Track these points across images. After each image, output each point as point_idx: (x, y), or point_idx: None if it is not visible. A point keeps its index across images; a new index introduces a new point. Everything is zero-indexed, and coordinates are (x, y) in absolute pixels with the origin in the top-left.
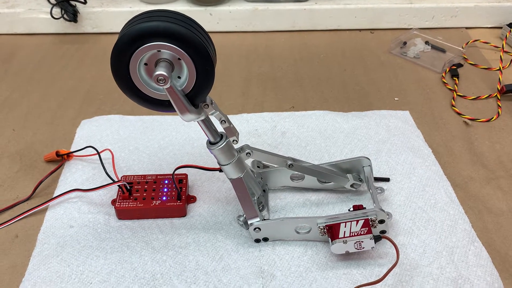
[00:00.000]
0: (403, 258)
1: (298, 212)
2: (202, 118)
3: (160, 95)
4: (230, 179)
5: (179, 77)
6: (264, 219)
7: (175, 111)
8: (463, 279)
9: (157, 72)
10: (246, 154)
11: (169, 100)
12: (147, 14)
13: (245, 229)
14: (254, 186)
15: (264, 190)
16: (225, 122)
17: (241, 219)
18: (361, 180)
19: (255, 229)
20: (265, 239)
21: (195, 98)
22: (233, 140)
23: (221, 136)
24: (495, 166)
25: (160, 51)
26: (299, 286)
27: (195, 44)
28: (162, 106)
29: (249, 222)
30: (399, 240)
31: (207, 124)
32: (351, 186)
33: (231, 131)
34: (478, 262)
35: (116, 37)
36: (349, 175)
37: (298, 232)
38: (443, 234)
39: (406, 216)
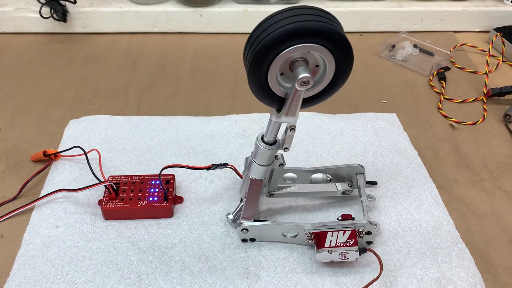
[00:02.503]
0: (387, 259)
1: (287, 214)
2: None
3: (279, 91)
4: (252, 178)
5: None
6: (254, 220)
7: (273, 107)
8: (446, 279)
9: (304, 75)
10: (279, 165)
11: (281, 97)
12: (313, 11)
13: (232, 227)
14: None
15: None
16: (293, 129)
17: (230, 217)
18: (351, 186)
19: (243, 229)
20: (252, 240)
21: (305, 104)
22: (285, 148)
23: (275, 141)
24: (480, 168)
25: (309, 52)
26: (284, 287)
27: (351, 57)
28: (271, 100)
29: (242, 221)
30: (383, 241)
31: (277, 127)
32: (342, 193)
33: (290, 139)
34: (461, 263)
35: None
36: (338, 184)
37: (285, 236)
38: (427, 235)
39: (391, 217)
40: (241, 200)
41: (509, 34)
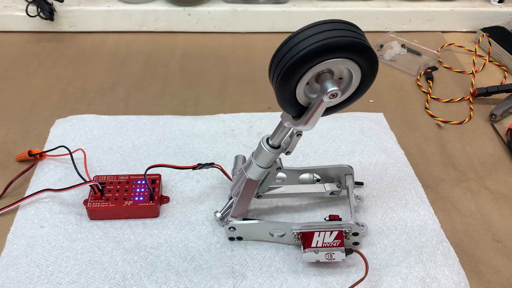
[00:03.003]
0: (372, 258)
1: (274, 214)
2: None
3: (303, 100)
4: (248, 177)
5: None
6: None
7: (292, 114)
8: (431, 278)
9: (334, 88)
10: (277, 169)
11: (303, 106)
12: (344, 26)
13: (220, 225)
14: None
15: None
16: (300, 135)
17: (218, 215)
18: (339, 187)
19: (230, 228)
20: (239, 238)
21: (324, 113)
22: (287, 152)
23: (279, 145)
24: (466, 167)
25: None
26: (269, 286)
27: (376, 69)
28: (294, 108)
29: (229, 219)
30: (369, 240)
31: (286, 132)
32: (331, 194)
33: (295, 144)
34: (446, 261)
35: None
36: (327, 184)
37: (272, 235)
38: (412, 234)
39: (377, 216)
40: (230, 198)
41: (496, 35)
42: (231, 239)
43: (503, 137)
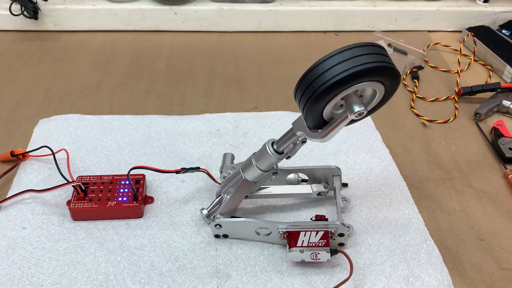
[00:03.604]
0: (357, 257)
1: (260, 213)
2: None
3: (327, 115)
4: (244, 177)
5: None
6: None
7: (311, 125)
8: (415, 276)
9: (361, 109)
10: (273, 173)
11: (325, 120)
12: (375, 50)
13: (206, 223)
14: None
15: None
16: (304, 142)
17: (204, 212)
18: (327, 187)
19: (216, 225)
20: (225, 236)
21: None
22: (288, 156)
23: (283, 151)
24: (450, 166)
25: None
26: (254, 286)
27: (398, 86)
28: (316, 122)
29: (216, 217)
30: (353, 238)
31: (294, 139)
32: (318, 194)
33: (296, 150)
34: (429, 260)
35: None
36: (314, 185)
37: (258, 233)
38: (397, 233)
39: (362, 215)
40: (218, 196)
41: (481, 34)
42: (217, 236)
43: (487, 136)
